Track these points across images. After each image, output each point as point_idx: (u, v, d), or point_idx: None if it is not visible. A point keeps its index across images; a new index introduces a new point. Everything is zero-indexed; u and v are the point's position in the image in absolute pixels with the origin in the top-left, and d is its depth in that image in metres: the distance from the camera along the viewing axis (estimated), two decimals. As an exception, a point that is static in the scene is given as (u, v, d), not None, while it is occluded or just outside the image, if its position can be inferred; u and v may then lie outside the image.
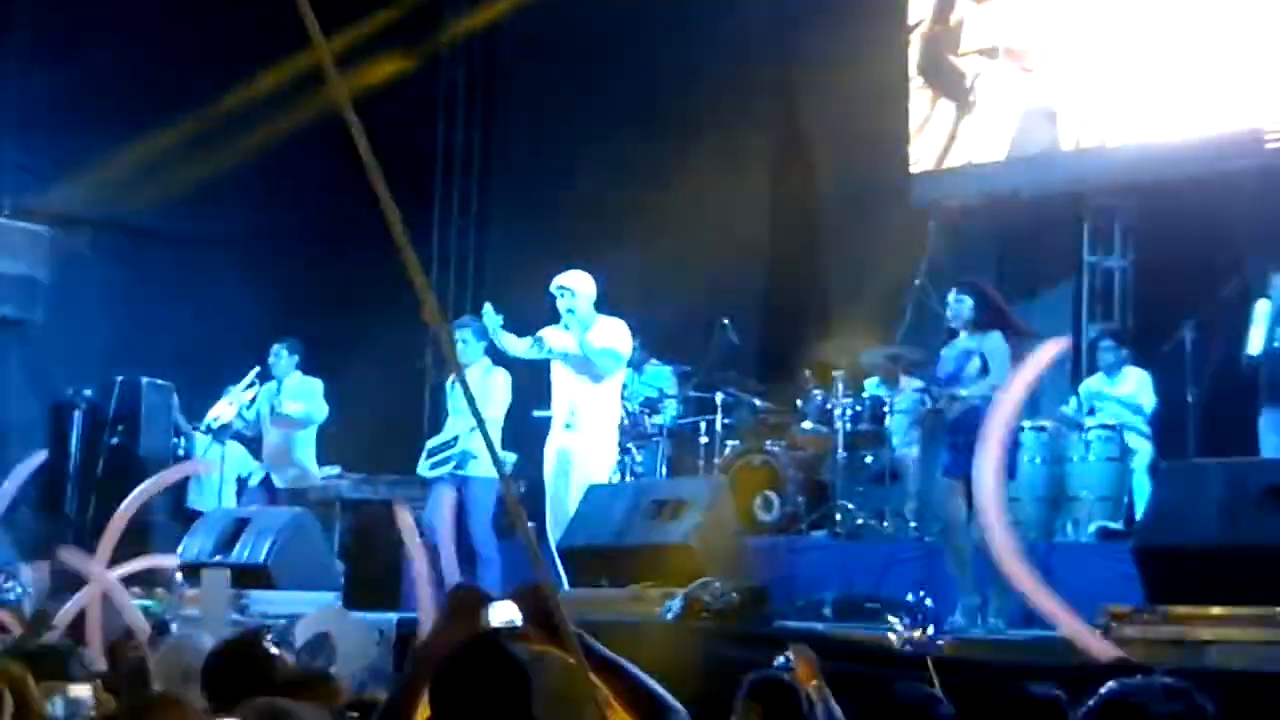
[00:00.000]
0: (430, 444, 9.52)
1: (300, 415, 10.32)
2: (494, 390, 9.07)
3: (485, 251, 13.62)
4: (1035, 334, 7.63)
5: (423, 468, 9.51)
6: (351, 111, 3.02)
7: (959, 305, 7.62)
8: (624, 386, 9.55)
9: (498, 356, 9.30)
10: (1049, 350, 6.48)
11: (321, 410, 10.39)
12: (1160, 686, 2.42)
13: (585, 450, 8.76)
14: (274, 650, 4.55)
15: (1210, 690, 4.46)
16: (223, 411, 10.53)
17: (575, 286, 8.86)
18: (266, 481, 10.46)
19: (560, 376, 8.89)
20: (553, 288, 8.92)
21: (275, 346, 10.32)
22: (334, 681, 4.64)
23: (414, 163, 12.77)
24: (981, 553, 7.26)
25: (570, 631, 3.13)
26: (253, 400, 10.43)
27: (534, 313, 12.29)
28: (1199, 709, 2.40)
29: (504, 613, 3.12)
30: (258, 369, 10.41)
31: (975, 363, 7.50)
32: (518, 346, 8.99)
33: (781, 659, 4.99)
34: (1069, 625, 4.84)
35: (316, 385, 10.42)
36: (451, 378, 9.66)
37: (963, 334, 7.66)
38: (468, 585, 3.26)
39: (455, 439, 9.18)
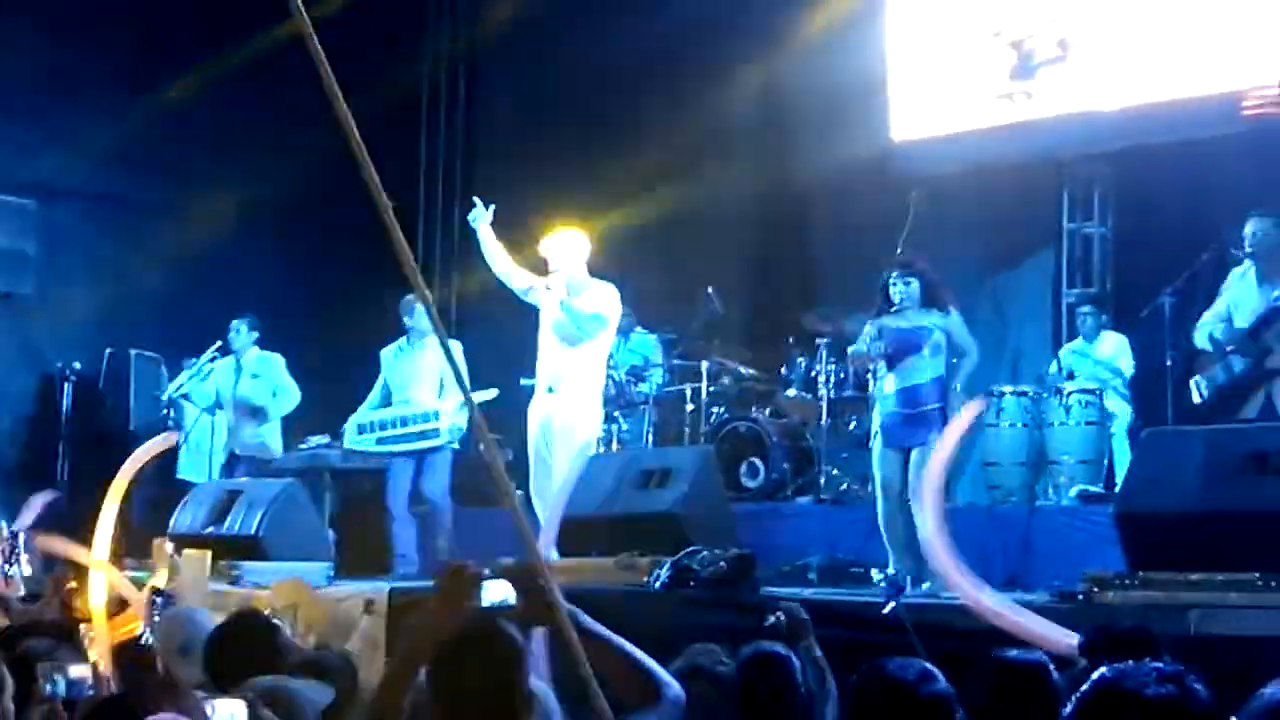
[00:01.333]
0: (369, 418, 9.60)
1: (261, 402, 10.30)
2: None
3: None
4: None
5: (366, 442, 9.58)
6: (340, 99, 3.10)
7: (908, 287, 7.69)
8: (610, 354, 9.44)
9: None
10: (972, 410, 6.79)
11: (286, 391, 10.35)
12: (1153, 670, 2.41)
13: (569, 415, 8.59)
14: (279, 627, 4.62)
15: (1192, 655, 4.65)
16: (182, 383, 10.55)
17: (565, 247, 8.71)
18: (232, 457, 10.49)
19: (545, 340, 8.73)
20: (540, 248, 8.77)
21: (234, 322, 10.29)
22: (348, 664, 4.70)
23: (399, 128, 12.77)
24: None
25: (564, 610, 3.21)
26: (208, 374, 10.45)
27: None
28: (1192, 692, 2.40)
29: (497, 591, 3.18)
30: (219, 344, 10.37)
31: (937, 337, 7.61)
32: (493, 250, 8.74)
33: (771, 619, 5.08)
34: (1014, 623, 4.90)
35: (277, 361, 10.40)
36: (394, 348, 9.74)
37: (908, 311, 7.72)
38: (460, 563, 3.31)
39: (433, 414, 9.30)
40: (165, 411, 11.15)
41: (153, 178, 11.54)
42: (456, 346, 9.21)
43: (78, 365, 11.01)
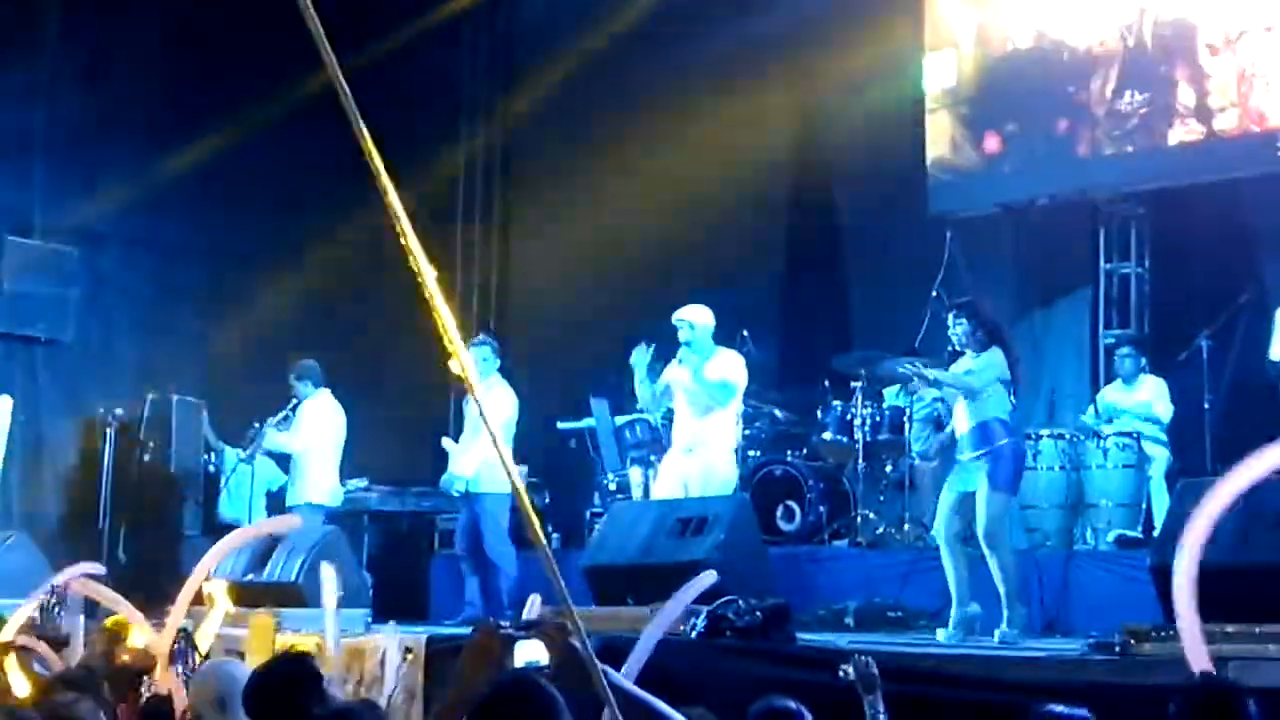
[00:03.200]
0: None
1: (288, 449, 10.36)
2: (496, 406, 9.24)
3: (508, 260, 13.74)
4: (1019, 358, 7.75)
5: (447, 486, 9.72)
6: (378, 160, 3.13)
7: (958, 327, 7.73)
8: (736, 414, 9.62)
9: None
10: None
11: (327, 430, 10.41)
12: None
13: (703, 473, 8.94)
14: (318, 671, 4.57)
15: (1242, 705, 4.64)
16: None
17: (694, 319, 9.05)
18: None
19: (680, 404, 9.10)
20: (674, 320, 9.10)
21: (293, 379, 10.34)
22: (379, 710, 4.70)
23: (433, 172, 12.86)
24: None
25: (598, 669, 3.21)
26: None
27: (555, 319, 12.48)
28: None
29: (530, 652, 3.18)
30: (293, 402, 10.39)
31: (992, 388, 7.60)
32: (645, 395, 9.23)
33: (847, 670, 5.10)
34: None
35: (329, 407, 10.40)
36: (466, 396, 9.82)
37: (968, 353, 7.76)
38: (492, 626, 3.32)
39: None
40: (206, 455, 11.24)
41: (193, 222, 11.64)
42: (506, 392, 9.42)
43: (119, 410, 11.09)
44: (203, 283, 11.89)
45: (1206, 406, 9.25)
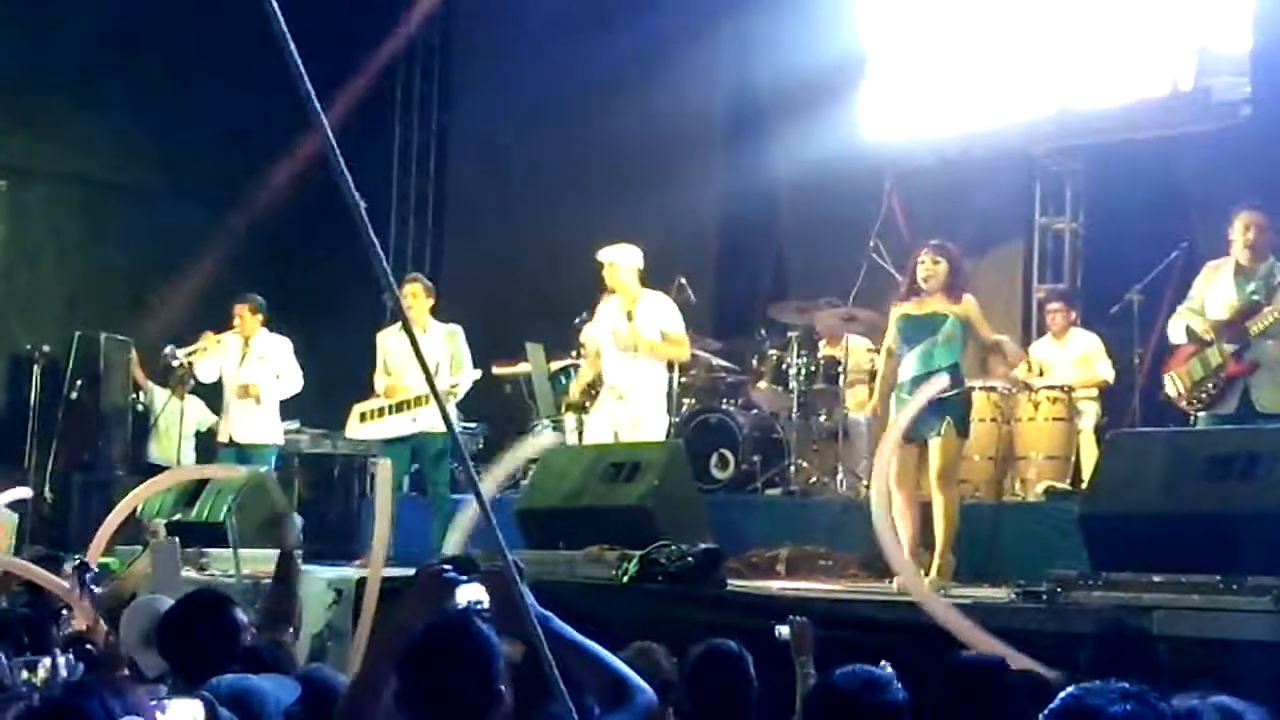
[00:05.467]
0: (371, 406, 9.58)
1: (263, 385, 10.11)
2: (443, 347, 9.17)
3: (444, 205, 13.65)
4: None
5: (368, 430, 9.59)
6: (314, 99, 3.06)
7: (936, 267, 7.62)
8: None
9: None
10: (935, 385, 6.97)
11: (290, 376, 10.24)
12: (1117, 689, 2.50)
13: (633, 419, 8.88)
14: (234, 610, 4.52)
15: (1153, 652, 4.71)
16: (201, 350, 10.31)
17: (619, 259, 8.97)
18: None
19: (609, 349, 9.02)
20: (603, 259, 8.99)
21: (238, 306, 10.14)
22: (284, 648, 4.67)
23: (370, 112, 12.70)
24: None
25: (533, 616, 3.21)
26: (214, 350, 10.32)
27: (489, 264, 12.41)
28: (1155, 710, 2.48)
29: (470, 593, 3.19)
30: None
31: (951, 329, 7.58)
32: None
33: (782, 630, 5.16)
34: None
35: (284, 345, 10.27)
36: (390, 331, 9.70)
37: (935, 297, 7.70)
38: (437, 567, 3.31)
39: (416, 398, 9.28)
40: (134, 395, 11.10)
41: (120, 159, 11.46)
42: (457, 330, 9.35)
43: (47, 347, 10.93)
44: (130, 219, 11.70)
45: (1136, 361, 9.33)
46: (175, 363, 10.21)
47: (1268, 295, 6.93)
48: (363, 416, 9.59)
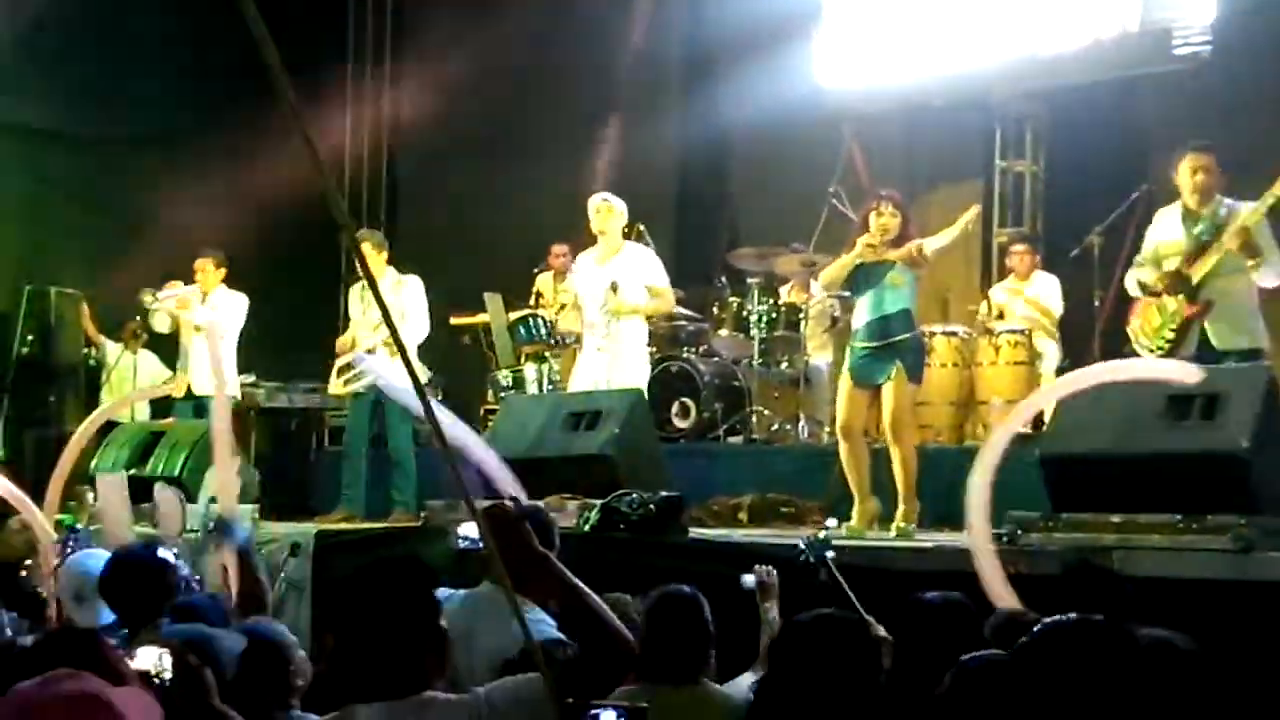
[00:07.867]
0: (342, 361, 9.47)
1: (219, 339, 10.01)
2: (403, 299, 9.07)
3: (396, 155, 13.53)
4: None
5: (336, 386, 9.48)
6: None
7: (892, 219, 7.53)
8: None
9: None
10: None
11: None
12: (1093, 623, 2.52)
13: (614, 371, 8.80)
14: (171, 560, 4.54)
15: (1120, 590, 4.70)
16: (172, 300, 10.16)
17: (617, 205, 8.91)
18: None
19: (589, 302, 8.94)
20: (594, 207, 8.91)
21: (199, 260, 10.01)
22: (221, 601, 4.64)
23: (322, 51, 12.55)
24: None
25: (538, 553, 3.18)
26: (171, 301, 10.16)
27: (444, 215, 12.30)
28: (1130, 639, 2.51)
29: (470, 530, 3.17)
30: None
31: (899, 275, 7.54)
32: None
33: (747, 579, 5.12)
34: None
35: (241, 301, 10.14)
36: (360, 284, 9.57)
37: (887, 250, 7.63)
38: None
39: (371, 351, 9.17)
40: (87, 350, 10.96)
41: (66, 107, 11.23)
42: (408, 280, 9.23)
43: (-4, 302, 10.78)
44: (81, 172, 11.49)
45: (1096, 304, 9.32)
46: (155, 306, 10.12)
47: (1215, 236, 6.90)
48: (339, 373, 9.50)
